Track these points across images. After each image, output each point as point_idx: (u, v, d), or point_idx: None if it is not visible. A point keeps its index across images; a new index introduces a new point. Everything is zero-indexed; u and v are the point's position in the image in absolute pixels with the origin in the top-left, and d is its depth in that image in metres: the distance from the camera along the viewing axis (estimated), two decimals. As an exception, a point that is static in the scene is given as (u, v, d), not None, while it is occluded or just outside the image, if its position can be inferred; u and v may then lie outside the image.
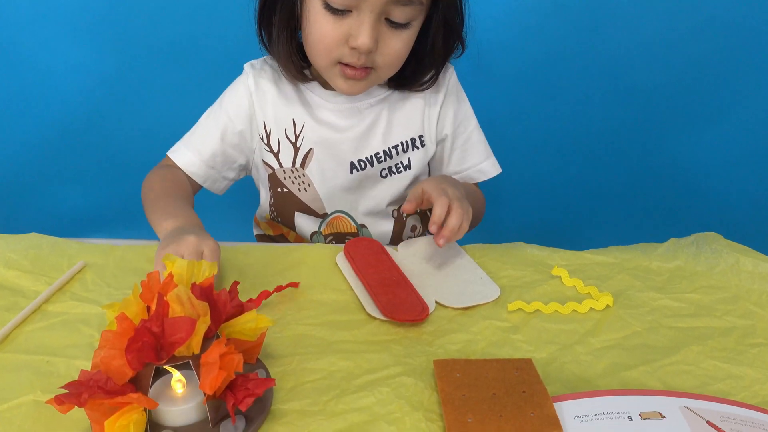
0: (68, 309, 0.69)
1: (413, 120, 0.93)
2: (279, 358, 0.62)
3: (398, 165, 0.94)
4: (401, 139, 0.93)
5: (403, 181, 0.95)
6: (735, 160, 1.60)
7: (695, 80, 1.55)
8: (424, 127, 0.94)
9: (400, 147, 0.93)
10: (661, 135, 1.59)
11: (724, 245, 0.80)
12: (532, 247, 0.82)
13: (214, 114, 0.94)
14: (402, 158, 0.94)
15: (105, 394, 0.47)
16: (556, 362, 0.62)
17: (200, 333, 0.50)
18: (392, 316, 0.67)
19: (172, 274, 0.54)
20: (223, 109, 0.93)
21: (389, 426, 0.53)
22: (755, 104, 1.57)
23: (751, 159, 1.60)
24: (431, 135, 0.95)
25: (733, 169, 1.60)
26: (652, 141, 1.60)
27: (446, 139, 0.96)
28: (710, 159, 1.60)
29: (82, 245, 0.81)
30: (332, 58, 0.82)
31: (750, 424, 0.52)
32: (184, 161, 0.94)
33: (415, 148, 0.94)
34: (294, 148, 0.92)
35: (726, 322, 0.68)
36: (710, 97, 1.56)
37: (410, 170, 0.95)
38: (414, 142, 0.94)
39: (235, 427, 0.52)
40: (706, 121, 1.58)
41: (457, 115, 0.96)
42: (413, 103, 0.93)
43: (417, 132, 0.94)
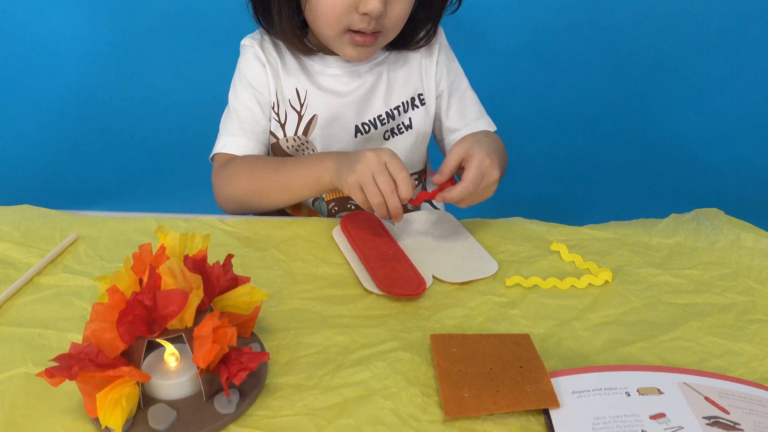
0: (60, 282, 0.69)
1: (412, 79, 0.94)
2: (274, 332, 0.61)
3: (400, 126, 0.94)
4: (402, 99, 0.93)
5: (405, 141, 0.95)
6: (737, 135, 1.58)
7: (697, 54, 1.53)
8: (423, 84, 0.94)
9: (401, 107, 0.93)
10: (662, 108, 1.57)
11: (725, 221, 0.79)
12: (530, 222, 0.82)
13: (242, 92, 0.91)
14: (403, 118, 0.94)
15: (96, 367, 0.47)
16: (553, 338, 0.62)
17: (193, 306, 0.49)
18: (389, 290, 0.66)
19: (164, 246, 0.53)
20: (247, 84, 0.91)
21: (385, 401, 0.53)
22: (756, 78, 1.55)
23: (753, 133, 1.58)
24: (431, 92, 0.95)
25: (735, 143, 1.59)
26: (654, 114, 1.58)
27: (442, 95, 0.96)
28: (712, 133, 1.59)
29: (74, 217, 0.80)
30: (341, 26, 0.81)
31: (748, 400, 0.52)
32: (240, 149, 0.90)
33: (415, 107, 0.94)
34: (298, 116, 0.92)
35: (726, 298, 0.68)
36: (712, 71, 1.54)
37: (411, 130, 0.95)
38: (414, 101, 0.94)
39: (229, 400, 0.51)
40: (708, 95, 1.56)
41: (450, 72, 0.96)
42: (410, 62, 0.94)
43: (416, 90, 0.94)
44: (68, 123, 1.57)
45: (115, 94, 1.53)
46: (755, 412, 0.50)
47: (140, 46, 1.48)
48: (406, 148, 0.95)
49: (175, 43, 1.46)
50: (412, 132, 0.95)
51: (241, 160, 0.89)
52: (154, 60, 1.49)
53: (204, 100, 0.93)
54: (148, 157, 1.51)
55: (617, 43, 1.52)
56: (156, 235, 0.54)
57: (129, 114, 1.53)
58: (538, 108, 1.55)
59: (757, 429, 0.48)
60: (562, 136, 1.60)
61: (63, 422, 0.51)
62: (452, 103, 0.96)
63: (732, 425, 0.49)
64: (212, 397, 0.52)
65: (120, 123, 1.55)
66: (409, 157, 0.97)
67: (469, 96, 0.98)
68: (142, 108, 1.46)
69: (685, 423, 0.48)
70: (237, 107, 0.92)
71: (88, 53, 1.49)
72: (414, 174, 0.99)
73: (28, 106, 1.55)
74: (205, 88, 0.94)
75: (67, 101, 1.54)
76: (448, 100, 0.96)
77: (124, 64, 1.50)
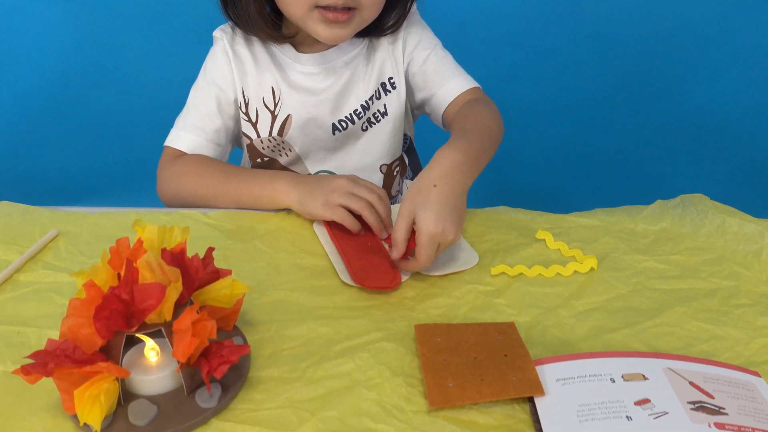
0: (40, 278, 0.68)
1: (382, 64, 0.91)
2: (257, 325, 0.61)
3: (376, 114, 0.92)
4: (375, 88, 0.91)
5: (383, 129, 0.93)
6: (723, 122, 1.59)
7: (683, 44, 1.54)
8: (393, 67, 0.91)
9: (375, 95, 0.91)
10: (647, 97, 1.58)
11: (710, 206, 0.79)
12: (516, 211, 0.81)
13: (203, 88, 0.89)
14: (378, 106, 0.92)
15: (73, 364, 0.46)
16: (539, 326, 0.61)
17: (171, 299, 0.48)
18: (362, 282, 0.65)
19: (141, 240, 0.52)
20: (210, 81, 0.89)
21: (369, 392, 0.53)
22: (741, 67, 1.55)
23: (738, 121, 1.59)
24: (399, 73, 0.92)
25: (721, 131, 1.60)
26: (639, 103, 1.58)
27: (411, 64, 0.92)
28: (698, 121, 1.59)
29: (54, 213, 0.79)
30: (309, 2, 0.78)
31: (733, 385, 0.52)
32: (189, 145, 0.88)
33: (388, 92, 0.92)
34: (272, 116, 0.90)
35: (711, 283, 0.68)
36: (698, 60, 1.54)
37: (387, 116, 0.93)
38: (385, 87, 0.91)
39: (210, 394, 0.51)
40: (694, 84, 1.57)
41: (413, 37, 0.91)
42: (380, 47, 0.91)
43: (387, 75, 0.91)
44: (49, 118, 1.55)
45: (97, 89, 1.51)
46: (740, 396, 0.50)
47: (121, 39, 1.46)
48: (384, 136, 0.94)
49: (156, 36, 1.45)
50: (389, 119, 0.93)
51: (191, 160, 0.86)
52: (136, 54, 1.47)
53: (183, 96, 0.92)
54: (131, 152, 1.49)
55: (603, 33, 1.52)
56: (134, 228, 0.53)
57: (111, 109, 1.51)
58: (523, 98, 1.55)
59: (741, 413, 0.48)
60: (547, 126, 1.59)
61: (43, 420, 0.50)
62: (420, 68, 0.91)
63: (717, 409, 0.48)
64: (194, 391, 0.51)
65: (102, 118, 1.53)
66: (389, 145, 0.95)
67: (439, 56, 0.92)
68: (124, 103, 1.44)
69: (669, 408, 0.48)
70: (194, 102, 0.90)
71: (68, 47, 1.47)
72: (395, 161, 0.97)
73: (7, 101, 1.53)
74: (188, 81, 0.92)
75: (46, 96, 1.51)
76: (415, 67, 0.92)
77: (105, 58, 1.48)
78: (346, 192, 0.73)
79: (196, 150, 0.88)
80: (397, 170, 0.98)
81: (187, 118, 0.89)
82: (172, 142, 0.89)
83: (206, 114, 0.89)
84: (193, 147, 0.88)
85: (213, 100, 0.89)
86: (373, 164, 0.95)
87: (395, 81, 0.92)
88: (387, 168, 0.96)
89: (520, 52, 1.51)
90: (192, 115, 0.89)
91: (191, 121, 0.89)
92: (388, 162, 0.96)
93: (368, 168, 0.95)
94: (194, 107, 0.90)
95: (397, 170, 0.99)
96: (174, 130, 0.90)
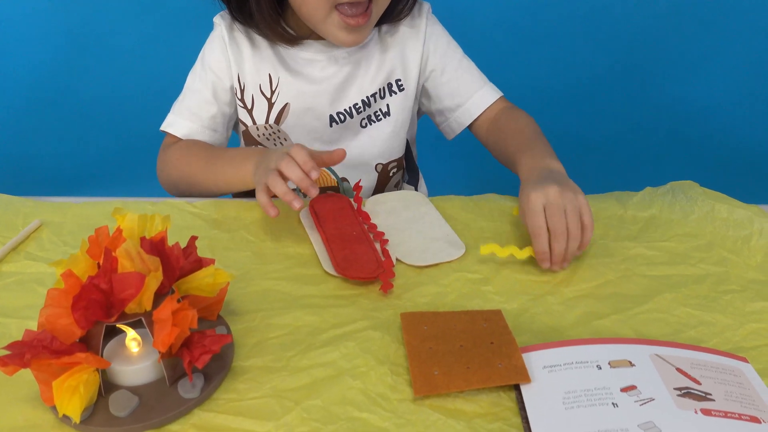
0: (23, 269, 0.67)
1: (390, 64, 0.89)
2: (242, 314, 0.60)
3: (377, 113, 0.91)
4: (379, 86, 0.89)
5: (383, 128, 0.91)
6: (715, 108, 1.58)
7: (677, 29, 1.53)
8: (404, 70, 0.90)
9: (378, 94, 0.89)
10: (639, 83, 1.57)
11: (700, 193, 0.78)
12: (504, 198, 0.80)
13: (200, 74, 0.89)
14: (380, 105, 0.90)
15: (50, 354, 0.45)
16: (527, 313, 0.61)
17: (151, 289, 0.47)
18: (344, 272, 0.64)
19: (120, 229, 0.51)
20: (207, 67, 0.88)
21: (354, 380, 0.52)
22: (736, 52, 1.54)
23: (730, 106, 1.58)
24: (410, 76, 0.90)
25: (713, 116, 1.59)
26: (631, 89, 1.58)
27: (433, 74, 0.91)
28: (690, 106, 1.59)
29: (38, 203, 0.78)
30: (329, 4, 0.75)
31: (720, 370, 0.51)
32: (184, 131, 0.87)
33: (393, 93, 0.90)
34: (269, 103, 0.88)
35: (700, 269, 0.67)
36: (692, 45, 1.54)
37: (390, 117, 0.91)
38: (391, 87, 0.90)
39: (192, 385, 0.50)
40: (688, 69, 1.56)
41: (438, 48, 0.91)
42: (391, 46, 0.89)
43: (395, 76, 0.90)
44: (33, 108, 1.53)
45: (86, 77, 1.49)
46: (726, 382, 0.50)
47: (110, 27, 1.44)
48: (383, 136, 0.92)
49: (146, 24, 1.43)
50: (390, 119, 0.91)
51: (182, 146, 0.86)
52: (125, 41, 1.45)
53: (176, 83, 0.91)
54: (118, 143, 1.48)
55: (595, 19, 1.51)
56: (113, 217, 0.53)
57: (98, 98, 1.49)
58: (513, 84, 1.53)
59: (728, 398, 0.48)
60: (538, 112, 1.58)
61: (23, 411, 0.50)
62: (447, 80, 0.91)
63: (703, 395, 0.48)
64: (176, 382, 0.51)
65: (89, 108, 1.51)
66: (387, 145, 0.93)
67: (465, 66, 0.92)
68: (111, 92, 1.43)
69: (656, 394, 0.48)
70: (190, 88, 0.89)
71: (55, 35, 1.45)
72: (393, 162, 0.96)
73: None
74: (179, 69, 0.91)
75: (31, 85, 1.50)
76: (441, 77, 0.91)
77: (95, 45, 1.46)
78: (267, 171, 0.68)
79: (191, 136, 0.88)
80: (393, 170, 0.97)
81: (183, 103, 0.89)
82: (168, 127, 0.89)
83: (201, 100, 0.88)
84: (188, 133, 0.88)
85: (209, 87, 0.88)
86: (369, 162, 0.94)
87: (404, 84, 0.90)
88: (383, 167, 0.95)
89: (513, 37, 1.50)
90: (188, 100, 0.89)
91: (187, 106, 0.89)
92: (384, 161, 0.95)
93: (363, 165, 0.94)
94: (190, 93, 0.89)
95: (394, 170, 0.97)
96: (171, 114, 0.90)
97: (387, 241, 0.71)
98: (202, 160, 0.83)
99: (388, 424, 0.48)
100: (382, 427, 0.48)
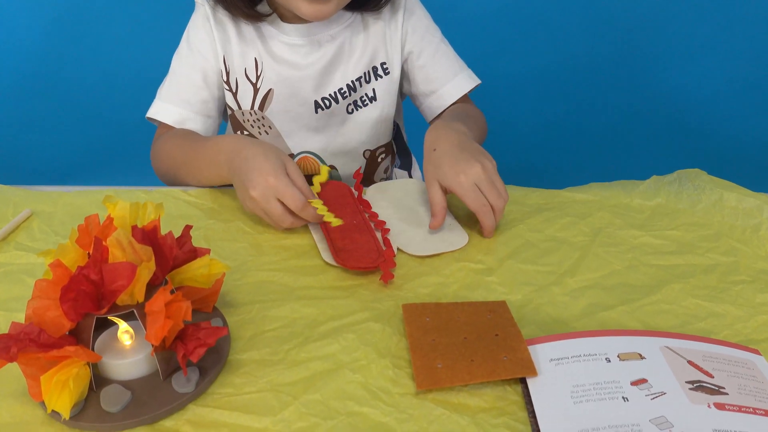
0: (12, 260, 0.65)
1: (374, 47, 0.87)
2: (238, 306, 0.58)
3: (363, 98, 0.88)
4: (364, 70, 0.87)
5: (370, 114, 0.90)
6: (718, 95, 1.56)
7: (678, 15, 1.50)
8: (387, 52, 0.88)
9: (363, 78, 0.87)
10: (643, 71, 1.55)
11: (707, 181, 0.76)
12: (507, 187, 0.78)
13: (186, 57, 0.85)
14: (366, 89, 0.88)
15: (38, 348, 0.43)
16: (531, 304, 0.59)
17: (143, 280, 0.46)
18: (344, 263, 0.63)
19: (111, 217, 0.49)
20: (194, 49, 0.85)
21: (354, 374, 0.50)
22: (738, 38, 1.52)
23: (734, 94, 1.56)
24: (394, 60, 0.88)
25: (717, 104, 1.57)
26: (635, 77, 1.55)
27: (410, 56, 0.89)
28: (693, 94, 1.57)
29: (28, 192, 0.76)
30: None
31: (732, 363, 0.50)
32: (174, 118, 0.84)
33: (379, 77, 0.88)
34: (254, 89, 0.86)
35: (708, 259, 0.66)
36: (694, 32, 1.52)
37: (376, 102, 0.89)
38: (376, 71, 0.88)
39: (187, 379, 0.48)
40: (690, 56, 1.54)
41: (416, 30, 0.88)
42: (373, 29, 0.87)
43: (379, 59, 0.88)
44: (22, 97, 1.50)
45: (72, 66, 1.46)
46: (739, 375, 0.48)
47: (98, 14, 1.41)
48: (370, 121, 0.90)
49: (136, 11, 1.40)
50: (377, 104, 0.89)
51: (171, 135, 0.83)
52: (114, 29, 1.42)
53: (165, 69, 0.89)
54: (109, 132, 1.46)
55: (595, 6, 1.48)
56: (104, 205, 0.51)
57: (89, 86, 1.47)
58: (515, 72, 1.52)
59: (742, 392, 0.46)
60: (541, 100, 1.57)
61: (11, 407, 0.48)
62: (422, 63, 0.89)
63: (716, 389, 0.46)
64: (170, 376, 0.49)
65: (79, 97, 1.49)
66: (375, 130, 0.91)
67: (443, 51, 0.90)
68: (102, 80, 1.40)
69: (667, 388, 0.46)
70: (177, 71, 0.86)
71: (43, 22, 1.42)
72: (380, 147, 0.94)
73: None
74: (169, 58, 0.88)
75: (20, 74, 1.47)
76: (417, 61, 0.89)
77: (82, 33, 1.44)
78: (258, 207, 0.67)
79: (183, 123, 0.84)
80: (381, 156, 0.95)
81: (171, 88, 0.85)
82: (156, 114, 0.85)
83: (191, 85, 0.85)
84: (178, 120, 0.84)
85: (198, 71, 0.85)
86: (357, 148, 0.92)
87: (389, 67, 0.88)
88: (371, 153, 0.94)
89: (511, 26, 1.48)
90: (176, 86, 0.85)
91: (175, 92, 0.85)
92: (372, 148, 0.93)
93: (351, 152, 0.92)
94: (177, 77, 0.86)
95: (382, 156, 0.96)
96: (158, 101, 0.86)
97: (388, 230, 0.69)
98: (184, 154, 0.79)
99: (390, 419, 0.47)
100: (384, 422, 0.46)
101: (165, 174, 0.84)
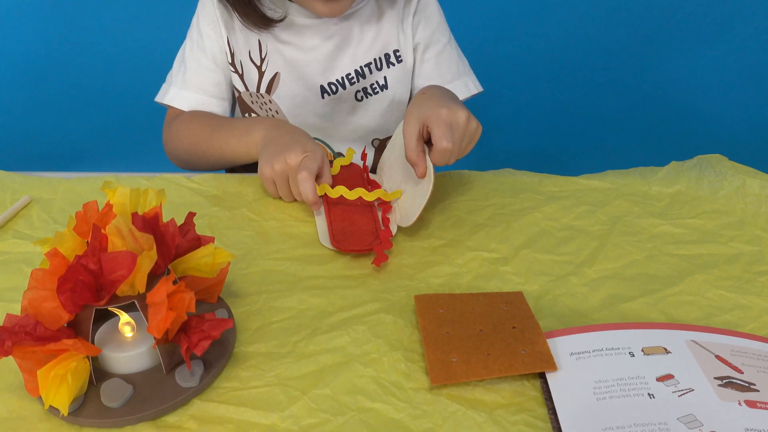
0: (10, 248, 0.63)
1: (387, 34, 0.84)
2: (244, 296, 0.56)
3: (373, 85, 0.86)
4: (374, 56, 0.84)
5: (380, 103, 0.87)
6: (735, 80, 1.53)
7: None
8: (400, 40, 0.85)
9: (374, 65, 0.85)
10: (657, 55, 1.51)
11: (729, 167, 0.74)
12: (521, 174, 0.76)
13: (197, 41, 0.84)
14: (377, 77, 0.85)
15: (34, 341, 0.41)
16: (548, 295, 0.57)
17: (144, 269, 0.43)
18: (340, 246, 0.61)
19: (110, 204, 0.47)
20: (203, 32, 0.84)
21: (365, 368, 0.48)
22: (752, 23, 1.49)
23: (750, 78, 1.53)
24: (407, 48, 0.86)
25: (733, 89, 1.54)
26: (649, 61, 1.52)
27: (417, 47, 0.87)
28: (710, 78, 1.53)
29: (27, 179, 0.74)
30: None
31: (762, 358, 0.47)
32: (190, 104, 0.83)
33: (391, 65, 0.85)
34: (259, 72, 0.84)
35: (731, 248, 0.63)
36: (707, 16, 1.48)
37: (387, 90, 0.86)
38: (389, 58, 0.85)
39: (191, 373, 0.46)
40: (704, 41, 1.50)
41: (428, 23, 0.86)
42: (386, 15, 0.84)
43: (392, 47, 0.85)
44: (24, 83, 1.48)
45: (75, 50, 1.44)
46: (771, 370, 0.46)
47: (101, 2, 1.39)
48: (381, 110, 0.88)
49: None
50: (388, 93, 0.87)
51: (186, 117, 0.83)
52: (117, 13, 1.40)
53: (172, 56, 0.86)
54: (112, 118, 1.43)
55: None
56: (103, 191, 0.48)
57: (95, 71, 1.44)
58: (527, 56, 1.48)
59: (773, 388, 0.44)
60: (554, 85, 1.53)
61: (7, 402, 0.46)
62: (427, 58, 0.87)
63: (747, 385, 0.44)
64: (173, 369, 0.47)
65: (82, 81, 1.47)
66: (384, 120, 0.89)
67: (448, 53, 0.88)
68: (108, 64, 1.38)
69: (695, 384, 0.44)
70: (186, 54, 0.85)
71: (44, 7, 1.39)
72: (390, 137, 0.92)
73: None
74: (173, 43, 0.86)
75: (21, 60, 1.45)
76: (423, 55, 0.87)
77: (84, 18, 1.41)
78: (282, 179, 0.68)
79: (198, 107, 0.84)
80: None
81: (185, 74, 0.84)
82: (172, 101, 0.84)
83: (203, 68, 0.84)
84: (194, 105, 0.84)
85: (207, 54, 0.84)
86: (366, 137, 0.90)
87: (402, 55, 0.85)
88: (380, 143, 0.91)
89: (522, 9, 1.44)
90: (189, 71, 0.84)
91: (189, 77, 0.84)
92: (381, 137, 0.91)
93: (360, 141, 0.90)
94: (189, 63, 0.85)
95: None
96: (173, 87, 0.85)
97: (390, 208, 0.66)
98: (206, 129, 0.79)
99: (403, 415, 0.45)
100: (396, 418, 0.44)
101: (183, 153, 0.83)
